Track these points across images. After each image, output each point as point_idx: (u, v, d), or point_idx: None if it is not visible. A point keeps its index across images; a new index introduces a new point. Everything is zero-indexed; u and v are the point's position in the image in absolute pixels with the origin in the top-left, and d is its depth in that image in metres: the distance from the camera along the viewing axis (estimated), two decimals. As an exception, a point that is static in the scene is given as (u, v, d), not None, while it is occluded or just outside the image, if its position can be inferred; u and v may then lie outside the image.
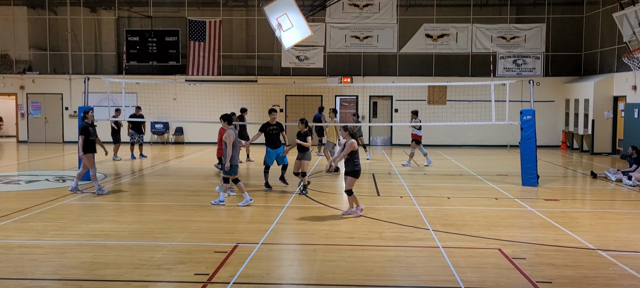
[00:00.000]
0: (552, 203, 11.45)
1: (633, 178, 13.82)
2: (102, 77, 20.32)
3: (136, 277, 6.55)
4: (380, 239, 8.39)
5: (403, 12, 25.47)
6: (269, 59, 26.26)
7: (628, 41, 19.60)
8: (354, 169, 9.74)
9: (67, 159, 19.28)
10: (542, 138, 19.16)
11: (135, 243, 8.10)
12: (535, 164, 13.61)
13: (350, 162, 9.73)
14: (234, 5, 26.62)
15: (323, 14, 24.94)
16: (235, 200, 11.66)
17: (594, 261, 7.42)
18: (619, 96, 21.08)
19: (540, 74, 24.86)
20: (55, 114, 26.05)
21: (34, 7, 26.44)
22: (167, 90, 23.84)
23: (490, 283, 6.49)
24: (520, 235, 8.84)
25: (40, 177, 14.75)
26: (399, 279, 6.65)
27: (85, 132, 11.96)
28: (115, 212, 10.33)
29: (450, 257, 7.42)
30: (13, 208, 10.43)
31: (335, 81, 24.84)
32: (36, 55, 26.62)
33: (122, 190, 12.86)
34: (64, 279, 6.50)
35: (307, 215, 10.08)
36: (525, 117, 13.61)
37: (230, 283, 6.38)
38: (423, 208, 10.75)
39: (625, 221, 9.95)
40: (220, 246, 7.89)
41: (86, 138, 11.93)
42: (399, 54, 25.43)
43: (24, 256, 7.42)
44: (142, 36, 25.95)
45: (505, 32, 25.08)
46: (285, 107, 24.88)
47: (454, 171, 16.58)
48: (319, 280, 6.54)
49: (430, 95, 24.83)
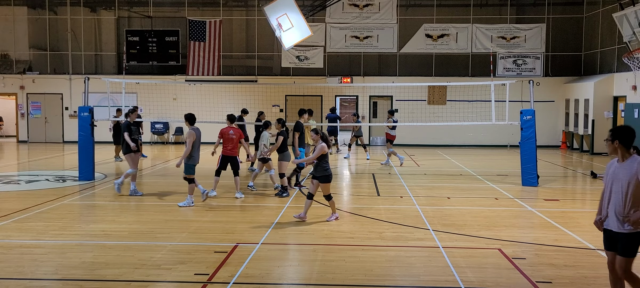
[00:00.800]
0: (552, 204, 11.45)
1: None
2: (102, 77, 20.32)
3: (136, 277, 6.55)
4: (380, 239, 8.39)
5: (403, 12, 25.48)
6: (269, 59, 26.26)
7: (628, 41, 19.60)
8: (325, 174, 9.38)
9: (67, 159, 19.28)
10: (542, 138, 19.17)
11: (135, 243, 8.10)
12: (535, 164, 13.61)
13: (319, 166, 9.39)
14: (234, 5, 26.63)
15: (323, 14, 24.94)
16: (233, 200, 11.67)
17: (594, 261, 7.42)
18: (619, 96, 21.08)
19: (540, 74, 24.86)
20: (55, 114, 26.05)
21: (34, 7, 26.44)
22: (167, 90, 23.83)
23: (490, 283, 6.49)
24: (520, 235, 8.84)
25: (40, 177, 14.75)
26: (399, 279, 6.65)
27: (128, 130, 11.96)
28: (115, 212, 10.33)
29: (450, 257, 7.43)
30: (13, 208, 10.43)
31: (335, 81, 24.84)
32: (36, 55, 26.62)
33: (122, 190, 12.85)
34: (64, 279, 6.50)
35: (307, 214, 10.07)
36: (525, 117, 13.61)
37: (230, 283, 6.38)
38: (423, 208, 10.75)
39: (625, 221, 9.94)
40: (220, 246, 7.89)
41: (129, 137, 11.89)
42: (399, 54, 25.43)
43: (24, 256, 7.42)
44: (142, 36, 25.95)
45: (505, 32, 25.08)
46: (285, 107, 24.88)
47: (454, 171, 16.58)
48: (319, 280, 6.54)
49: (430, 95, 24.84)
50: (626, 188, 5.14)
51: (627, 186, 5.14)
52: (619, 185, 5.21)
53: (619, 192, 5.20)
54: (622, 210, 5.17)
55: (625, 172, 5.16)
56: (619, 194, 5.20)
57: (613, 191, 5.28)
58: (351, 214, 10.27)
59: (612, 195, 5.29)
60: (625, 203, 5.14)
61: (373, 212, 10.34)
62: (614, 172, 5.31)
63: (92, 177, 14.12)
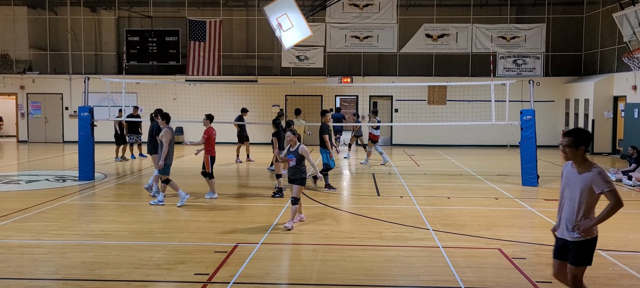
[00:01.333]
0: (552, 203, 11.43)
1: (633, 179, 13.83)
2: (102, 77, 20.31)
3: (136, 277, 6.55)
4: (380, 239, 8.39)
5: (403, 12, 25.47)
6: (269, 59, 26.26)
7: (628, 41, 19.60)
8: (302, 177, 8.96)
9: (67, 159, 19.28)
10: (542, 138, 19.15)
11: (135, 243, 8.10)
12: (535, 164, 13.61)
13: (298, 170, 8.95)
14: (234, 5, 26.62)
15: (323, 14, 24.94)
16: (233, 200, 11.67)
17: (594, 261, 7.35)
18: (619, 96, 21.08)
19: (540, 74, 24.86)
20: (55, 114, 26.04)
21: (34, 7, 26.44)
22: (167, 90, 23.81)
23: (490, 283, 6.49)
24: (520, 235, 8.84)
25: (40, 177, 14.75)
26: (399, 279, 6.65)
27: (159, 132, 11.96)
28: (115, 212, 10.33)
29: (450, 257, 7.43)
30: (13, 208, 10.43)
31: (335, 81, 24.84)
32: (36, 55, 26.62)
33: (122, 190, 12.86)
34: (64, 279, 6.50)
35: (307, 215, 10.07)
36: (525, 117, 13.61)
37: (230, 283, 6.38)
38: (423, 208, 10.75)
39: (625, 221, 9.94)
40: (220, 246, 7.89)
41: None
42: (399, 53, 25.43)
43: (24, 256, 7.42)
44: (142, 36, 25.94)
45: (505, 32, 25.08)
46: (285, 107, 24.87)
47: (454, 171, 16.58)
48: (319, 280, 6.54)
49: (430, 95, 24.83)
50: (580, 196, 4.85)
51: (581, 194, 4.85)
52: (572, 193, 4.91)
53: (572, 199, 4.90)
54: (573, 218, 4.90)
55: (581, 180, 4.85)
56: (572, 201, 4.90)
57: (565, 197, 4.98)
58: (351, 214, 10.27)
59: (564, 202, 4.99)
60: (579, 213, 4.86)
61: (373, 212, 10.34)
62: (567, 177, 4.99)
63: (92, 177, 14.12)
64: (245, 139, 18.44)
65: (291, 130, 9.13)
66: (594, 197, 4.84)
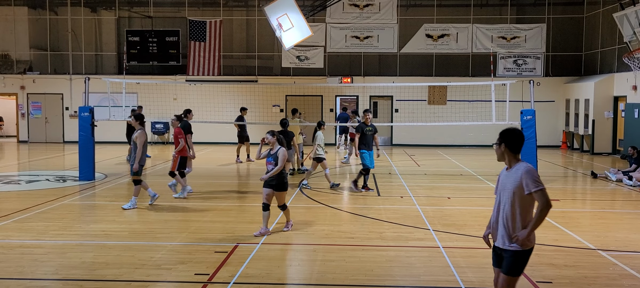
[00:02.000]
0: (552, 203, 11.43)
1: (633, 179, 13.83)
2: (103, 77, 20.32)
3: (136, 277, 6.55)
4: (381, 239, 8.39)
5: (403, 12, 25.47)
6: (269, 59, 26.26)
7: (628, 41, 19.60)
8: (283, 182, 8.45)
9: (67, 159, 19.28)
10: (542, 138, 19.17)
11: (135, 243, 8.10)
12: (536, 164, 13.60)
13: (279, 174, 8.37)
14: (234, 5, 26.63)
15: (323, 14, 24.93)
16: (233, 200, 11.66)
17: (594, 261, 7.42)
18: (619, 96, 21.08)
19: (540, 74, 24.85)
20: (55, 114, 26.05)
21: (35, 7, 26.45)
22: (167, 91, 23.84)
23: (491, 283, 6.48)
24: (520, 235, 8.82)
25: (40, 177, 14.75)
26: (400, 279, 6.65)
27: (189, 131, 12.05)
28: (115, 212, 10.33)
29: (450, 257, 7.43)
30: (13, 208, 10.43)
31: (336, 81, 24.85)
32: (37, 55, 26.63)
33: (122, 190, 12.86)
34: (64, 279, 6.50)
35: (307, 215, 10.08)
36: (525, 117, 13.61)
37: (231, 283, 6.38)
38: (423, 208, 10.75)
39: (626, 221, 9.95)
40: (220, 246, 7.89)
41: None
42: (399, 54, 25.43)
43: (24, 256, 7.42)
44: (142, 36, 25.95)
45: (506, 32, 25.08)
46: (286, 107, 24.88)
47: (454, 171, 16.58)
48: (319, 280, 6.54)
49: (431, 95, 24.83)
50: (512, 199, 4.53)
51: (513, 196, 4.52)
52: (506, 196, 4.60)
53: (506, 203, 4.59)
54: (511, 224, 4.56)
55: (511, 180, 4.57)
56: (507, 206, 4.58)
57: (501, 202, 4.67)
58: (351, 214, 10.27)
59: (500, 207, 4.67)
60: (514, 218, 4.54)
61: (373, 212, 10.34)
62: (502, 181, 4.71)
63: (93, 177, 14.12)
64: (245, 139, 18.44)
65: (271, 132, 8.52)
66: (527, 200, 4.53)
